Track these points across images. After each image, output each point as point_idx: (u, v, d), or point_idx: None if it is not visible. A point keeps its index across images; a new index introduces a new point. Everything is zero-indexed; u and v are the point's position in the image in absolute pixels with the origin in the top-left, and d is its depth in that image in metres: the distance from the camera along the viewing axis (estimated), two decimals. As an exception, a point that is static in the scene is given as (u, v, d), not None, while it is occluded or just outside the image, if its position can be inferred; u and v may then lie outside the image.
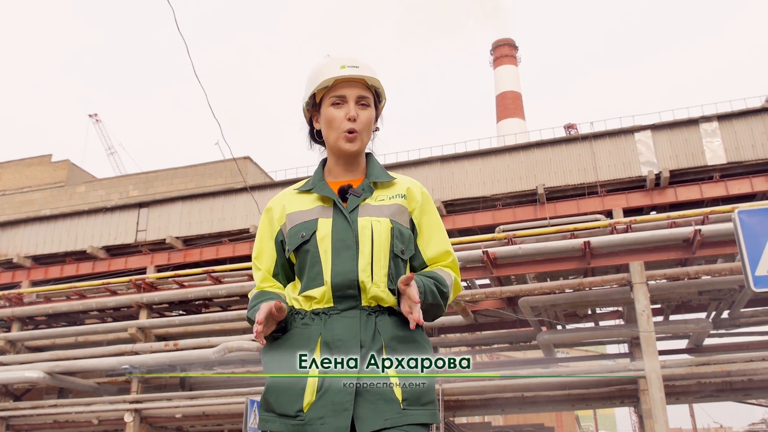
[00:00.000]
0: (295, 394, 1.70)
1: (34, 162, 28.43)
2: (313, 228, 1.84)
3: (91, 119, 60.67)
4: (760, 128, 16.14)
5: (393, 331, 1.76)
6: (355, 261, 1.78)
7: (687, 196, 16.22)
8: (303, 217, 1.88)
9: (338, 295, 1.77)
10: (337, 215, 1.85)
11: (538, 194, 16.74)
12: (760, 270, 3.24)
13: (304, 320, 1.79)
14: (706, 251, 13.76)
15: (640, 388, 14.39)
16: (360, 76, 1.91)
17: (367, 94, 1.93)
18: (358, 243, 1.79)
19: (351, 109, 1.89)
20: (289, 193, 1.98)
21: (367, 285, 1.77)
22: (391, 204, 1.88)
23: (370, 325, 1.75)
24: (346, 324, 1.74)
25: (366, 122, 1.91)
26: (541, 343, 16.44)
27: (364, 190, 1.89)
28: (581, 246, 13.75)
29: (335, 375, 1.68)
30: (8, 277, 20.42)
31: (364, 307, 1.76)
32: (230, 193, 19.68)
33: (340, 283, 1.76)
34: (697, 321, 15.60)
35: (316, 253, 1.81)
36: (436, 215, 1.97)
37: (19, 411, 18.32)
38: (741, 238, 3.35)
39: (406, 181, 1.97)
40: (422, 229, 1.93)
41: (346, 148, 1.89)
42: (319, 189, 1.90)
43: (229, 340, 16.41)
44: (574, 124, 60.68)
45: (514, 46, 65.39)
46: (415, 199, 1.93)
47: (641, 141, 16.77)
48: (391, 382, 1.70)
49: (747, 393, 16.38)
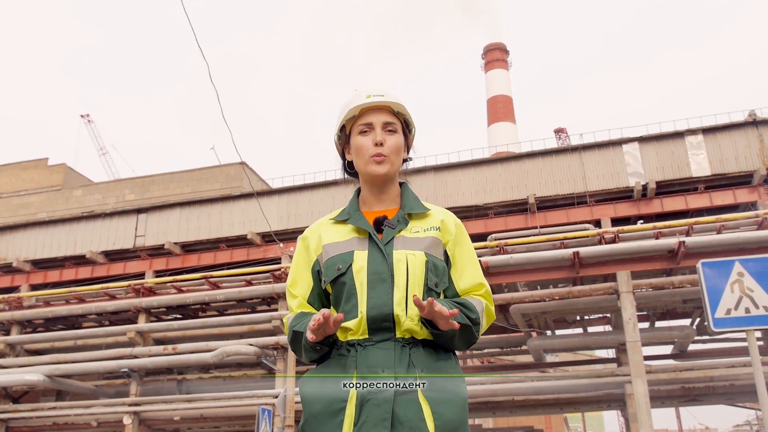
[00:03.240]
0: (334, 426, 1.71)
1: (31, 165, 28.63)
2: (349, 261, 1.86)
3: (83, 120, 60.76)
4: (743, 141, 16.70)
5: (427, 363, 1.77)
6: (390, 294, 1.79)
7: (673, 206, 16.76)
8: (339, 249, 1.90)
9: (373, 327, 1.79)
10: (372, 247, 1.86)
11: (529, 203, 17.22)
12: (719, 313, 3.81)
13: (340, 351, 1.82)
14: (690, 261, 14.28)
15: (627, 392, 14.90)
16: (385, 103, 1.95)
17: (394, 120, 1.97)
18: (393, 276, 1.81)
19: (378, 134, 1.93)
20: (325, 222, 2.00)
21: (401, 318, 1.78)
22: (425, 236, 1.89)
23: (404, 357, 1.76)
24: (382, 355, 1.75)
25: (394, 147, 1.95)
26: (532, 349, 16.91)
27: (399, 221, 1.90)
28: (570, 256, 14.23)
29: (374, 407, 1.69)
30: (7, 281, 20.65)
31: (399, 339, 1.78)
32: (228, 200, 20.02)
33: (375, 316, 1.78)
34: (682, 328, 16.15)
35: (352, 286, 1.83)
36: (470, 247, 1.99)
37: (18, 413, 18.59)
38: (704, 286, 3.92)
39: (440, 213, 1.98)
40: (456, 260, 1.94)
41: (375, 171, 1.92)
42: (355, 220, 1.92)
43: (227, 344, 16.78)
44: (564, 129, 61.58)
45: (505, 51, 66.02)
46: (449, 231, 1.94)
47: (629, 153, 17.29)
48: (425, 416, 1.70)
49: (729, 397, 16.96)
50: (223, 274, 17.92)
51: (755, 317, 3.83)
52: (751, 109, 17.19)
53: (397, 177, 2.02)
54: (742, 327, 3.88)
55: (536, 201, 17.24)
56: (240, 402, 16.96)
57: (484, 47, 66.52)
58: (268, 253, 18.89)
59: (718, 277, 3.89)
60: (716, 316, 3.88)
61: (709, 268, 3.97)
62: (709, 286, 3.91)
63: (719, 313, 3.86)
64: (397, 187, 2.02)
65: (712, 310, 3.87)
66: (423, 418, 1.69)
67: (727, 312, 3.88)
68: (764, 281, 3.85)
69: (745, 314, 3.84)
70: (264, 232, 18.86)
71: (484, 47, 66.52)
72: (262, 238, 18.96)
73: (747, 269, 3.89)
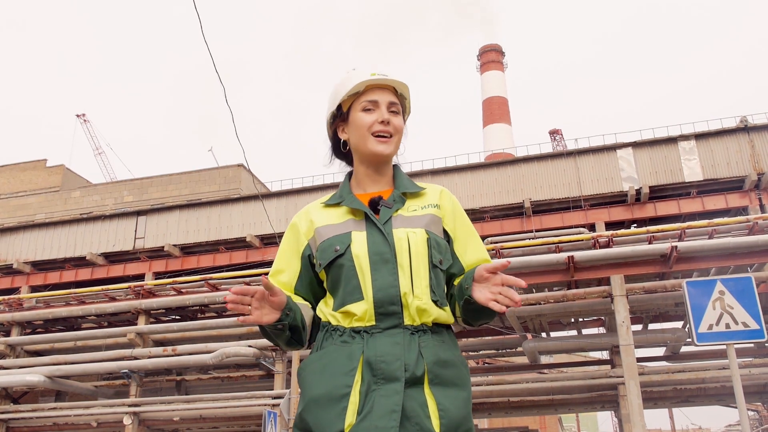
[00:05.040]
0: (335, 414, 1.62)
1: (29, 167, 28.78)
2: (347, 242, 1.76)
3: (79, 119, 60.74)
4: (735, 147, 17.01)
5: (436, 354, 1.69)
6: (396, 275, 1.71)
7: (666, 210, 17.08)
8: (335, 230, 1.81)
9: (380, 312, 1.70)
10: (370, 228, 1.78)
11: (525, 207, 17.50)
12: (702, 328, 4.10)
13: (343, 337, 1.72)
14: (681, 266, 14.56)
15: (620, 394, 15.19)
16: (391, 81, 1.88)
17: (398, 101, 1.90)
18: (396, 256, 1.73)
19: (384, 113, 1.85)
20: (316, 206, 1.91)
21: (409, 299, 1.70)
22: (424, 214, 1.82)
23: (413, 346, 1.68)
24: (390, 343, 1.67)
25: (398, 128, 1.88)
26: (527, 350, 17.16)
27: (396, 200, 1.84)
28: (565, 260, 14.48)
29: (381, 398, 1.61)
30: (8, 282, 20.81)
31: (407, 326, 1.70)
32: (227, 203, 20.23)
33: (381, 298, 1.70)
34: (674, 330, 16.41)
35: (351, 267, 1.74)
36: (468, 221, 1.92)
37: (18, 414, 18.73)
38: (688, 304, 4.21)
39: (436, 190, 1.92)
40: (457, 235, 1.86)
41: (378, 150, 1.84)
42: (349, 202, 1.84)
43: (226, 345, 16.97)
44: (559, 130, 61.92)
45: (500, 52, 66.26)
46: (447, 207, 1.87)
47: (623, 158, 17.59)
48: (430, 411, 1.63)
49: (720, 398, 17.23)
50: (222, 276, 18.12)
51: (735, 332, 4.13)
52: (742, 115, 17.49)
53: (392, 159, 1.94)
54: (723, 341, 4.19)
55: (532, 205, 17.52)
56: (239, 403, 17.16)
57: (480, 49, 66.77)
58: (267, 256, 19.11)
59: (701, 295, 4.20)
60: (699, 331, 4.18)
61: (692, 287, 4.28)
62: (693, 303, 4.22)
63: (702, 328, 4.17)
64: (391, 169, 1.95)
65: (696, 326, 4.18)
66: (428, 414, 1.62)
67: (709, 327, 4.18)
68: (743, 299, 4.15)
69: (725, 329, 4.15)
70: (263, 234, 19.09)
71: (480, 49, 66.77)
72: (261, 240, 19.17)
73: (728, 288, 4.19)
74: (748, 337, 4.15)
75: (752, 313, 4.10)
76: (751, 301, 4.13)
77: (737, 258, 14.47)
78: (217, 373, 19.70)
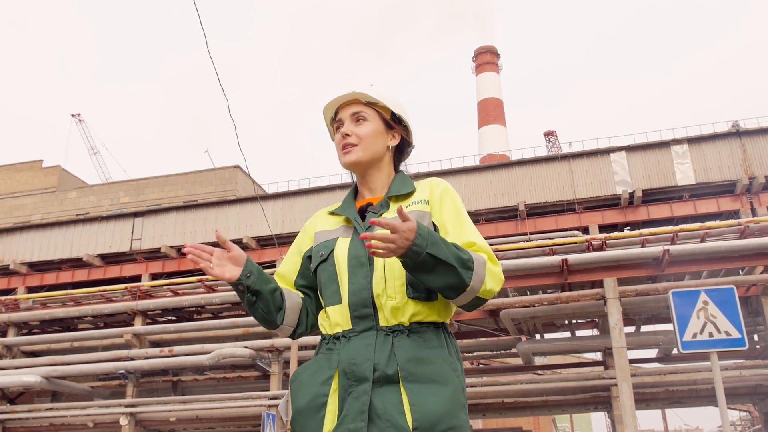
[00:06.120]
0: (316, 423, 1.70)
1: (25, 167, 28.81)
2: (331, 247, 1.88)
3: (74, 119, 60.65)
4: (727, 151, 17.20)
5: (411, 353, 1.71)
6: (369, 278, 1.77)
7: (658, 214, 17.25)
8: (326, 236, 1.93)
9: (355, 315, 1.76)
10: (355, 234, 1.86)
11: (519, 210, 17.65)
12: (686, 336, 4.28)
13: (328, 345, 1.81)
14: (674, 269, 14.75)
15: (613, 395, 15.36)
16: (350, 95, 1.97)
17: (362, 109, 1.96)
18: (372, 259, 1.79)
19: (345, 127, 1.95)
20: (323, 212, 2.04)
21: (382, 300, 1.75)
22: (409, 212, 1.82)
23: (386, 347, 1.71)
24: (362, 345, 1.72)
25: (363, 134, 1.95)
26: (521, 352, 17.33)
27: (382, 206, 1.90)
28: (559, 263, 14.65)
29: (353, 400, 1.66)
30: (4, 283, 20.85)
31: (382, 328, 1.74)
32: (223, 204, 20.33)
33: (355, 301, 1.77)
34: (666, 332, 16.60)
35: (333, 272, 1.84)
36: (457, 209, 1.89)
37: (15, 414, 18.80)
38: (673, 313, 4.38)
39: (426, 184, 1.96)
40: (444, 225, 1.86)
41: (344, 160, 1.96)
42: (343, 209, 1.96)
43: (222, 346, 17.10)
44: (554, 131, 62.18)
45: (496, 54, 66.43)
46: (435, 199, 1.90)
47: (616, 161, 17.76)
48: (404, 408, 1.64)
49: (712, 400, 17.41)
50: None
51: (717, 341, 4.31)
52: (734, 120, 17.70)
53: (384, 165, 2.00)
54: (706, 349, 4.36)
55: (526, 208, 17.67)
56: (235, 404, 17.29)
57: (475, 50, 66.91)
58: (264, 257, 19.20)
59: (686, 305, 4.39)
60: (684, 339, 4.37)
61: (678, 297, 4.46)
62: (678, 313, 4.40)
63: (687, 337, 4.36)
64: (387, 175, 2.00)
65: (681, 334, 4.36)
66: (402, 411, 1.63)
67: (694, 336, 4.36)
68: (726, 309, 4.33)
69: (708, 338, 4.34)
70: (259, 236, 19.20)
71: (475, 50, 66.91)
72: (257, 242, 19.28)
73: (711, 298, 4.36)
74: (730, 345, 4.33)
75: (734, 323, 4.29)
76: (733, 311, 4.31)
77: (728, 261, 14.67)
78: (214, 374, 19.83)
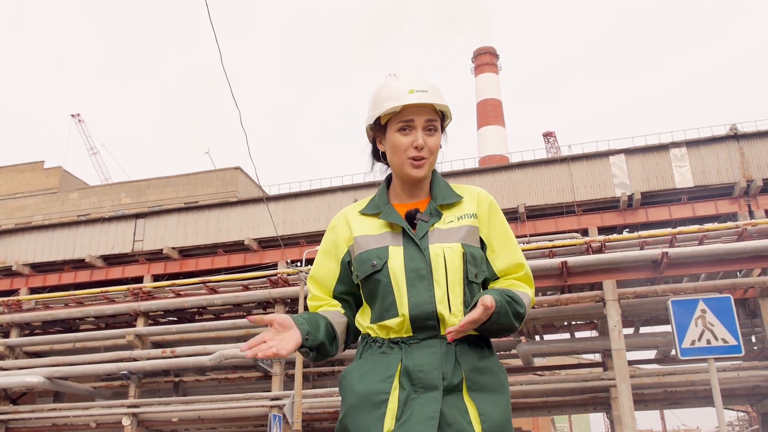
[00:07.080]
0: (375, 418, 1.66)
1: (27, 168, 28.90)
2: (384, 257, 1.78)
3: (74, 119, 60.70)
4: (725, 154, 17.36)
5: (473, 362, 1.73)
6: (431, 291, 1.74)
7: (657, 216, 17.41)
8: (372, 243, 1.82)
9: (417, 326, 1.74)
10: (407, 243, 1.79)
11: (519, 212, 17.79)
12: (685, 344, 4.44)
13: (382, 348, 1.77)
14: (672, 271, 14.90)
15: (612, 396, 15.51)
16: (429, 103, 1.84)
17: (435, 118, 1.86)
18: (432, 272, 1.75)
19: (419, 137, 1.83)
20: (354, 213, 1.92)
21: (445, 316, 1.73)
22: (460, 226, 1.82)
23: (450, 356, 1.71)
24: (428, 354, 1.71)
25: (433, 148, 1.86)
26: (521, 353, 17.46)
27: (432, 214, 1.83)
28: (559, 265, 14.80)
29: (420, 406, 1.65)
30: (7, 284, 20.96)
31: (444, 336, 1.72)
32: (225, 206, 20.45)
33: (417, 315, 1.73)
34: (665, 334, 16.74)
35: (388, 284, 1.77)
36: (505, 226, 1.90)
37: (18, 414, 18.92)
38: (672, 321, 4.54)
39: (473, 195, 1.91)
40: (491, 242, 1.85)
41: (412, 174, 1.84)
42: (387, 215, 1.85)
43: (224, 347, 17.20)
44: (553, 132, 62.30)
45: (495, 55, 66.47)
46: (483, 214, 1.87)
47: (615, 164, 17.91)
48: (471, 417, 1.66)
49: (709, 400, 17.56)
50: (220, 279, 18.33)
51: (715, 347, 4.47)
52: (732, 123, 17.86)
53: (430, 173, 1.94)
54: (704, 356, 4.51)
55: (526, 210, 17.82)
56: (237, 404, 17.41)
57: (474, 51, 66.90)
58: (265, 258, 19.34)
59: (685, 313, 4.54)
60: (683, 346, 4.52)
61: (677, 306, 4.62)
62: (677, 321, 4.56)
63: (685, 344, 4.51)
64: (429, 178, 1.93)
65: (680, 341, 4.51)
66: (470, 420, 1.65)
67: (692, 343, 4.51)
68: (723, 317, 4.48)
69: (706, 345, 4.49)
70: (261, 237, 19.33)
71: (474, 51, 66.90)
72: (258, 243, 19.41)
73: (709, 307, 4.52)
74: (727, 352, 4.48)
75: (731, 330, 4.44)
76: (730, 319, 4.46)
77: (726, 264, 14.82)
78: (215, 374, 19.94)
